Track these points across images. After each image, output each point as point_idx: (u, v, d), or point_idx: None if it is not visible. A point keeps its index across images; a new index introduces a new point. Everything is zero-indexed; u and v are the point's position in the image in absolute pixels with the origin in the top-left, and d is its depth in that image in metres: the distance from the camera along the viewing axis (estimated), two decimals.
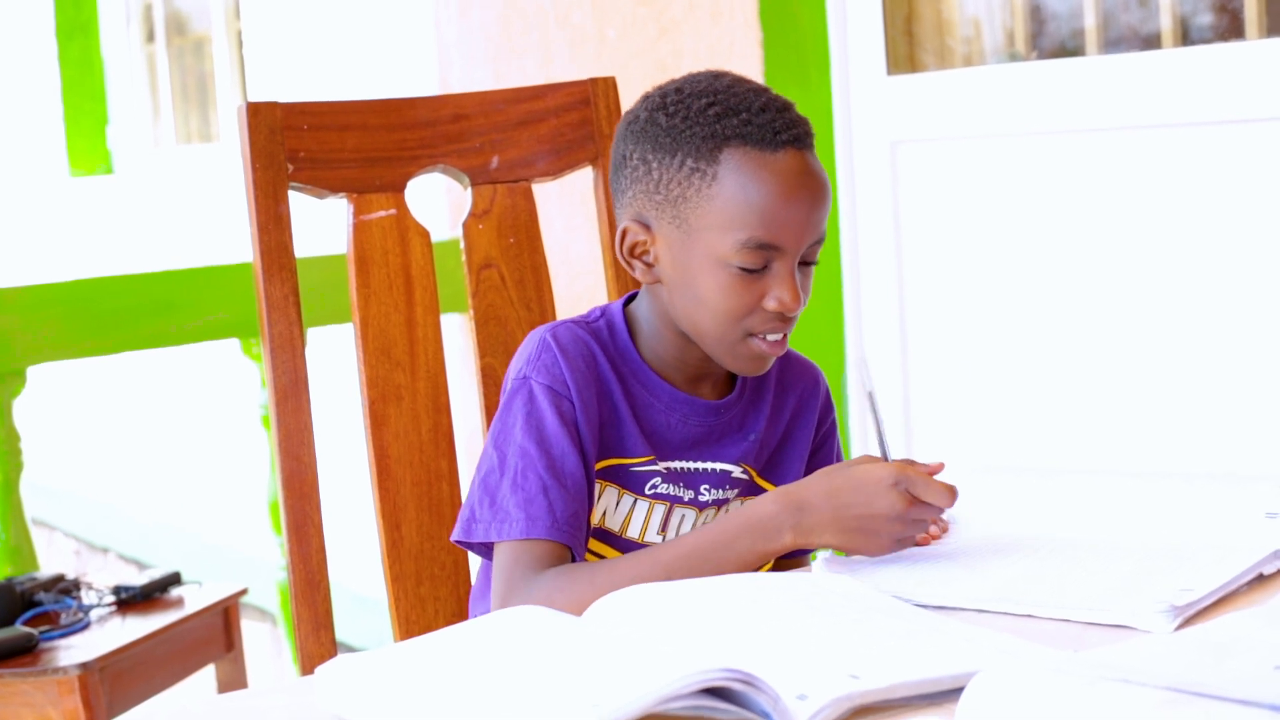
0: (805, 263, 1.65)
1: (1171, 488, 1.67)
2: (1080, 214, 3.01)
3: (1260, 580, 1.46)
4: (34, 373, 3.55)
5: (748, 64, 3.37)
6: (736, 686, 1.11)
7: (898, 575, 1.52)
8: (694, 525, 1.72)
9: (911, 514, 1.52)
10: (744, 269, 1.61)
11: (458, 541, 1.67)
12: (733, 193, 1.60)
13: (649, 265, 1.68)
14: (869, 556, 1.55)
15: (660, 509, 1.71)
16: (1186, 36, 3.02)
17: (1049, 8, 3.29)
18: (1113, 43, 3.15)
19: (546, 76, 3.84)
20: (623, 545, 1.70)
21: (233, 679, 3.40)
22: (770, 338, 1.65)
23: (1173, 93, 2.86)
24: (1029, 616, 1.38)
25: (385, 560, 1.92)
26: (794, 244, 1.62)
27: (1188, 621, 1.34)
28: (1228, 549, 1.51)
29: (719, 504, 1.74)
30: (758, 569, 1.55)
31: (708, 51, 3.44)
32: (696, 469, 1.73)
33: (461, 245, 2.02)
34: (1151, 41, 3.08)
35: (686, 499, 1.72)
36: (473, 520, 1.64)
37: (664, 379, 1.72)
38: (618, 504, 1.70)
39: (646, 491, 1.71)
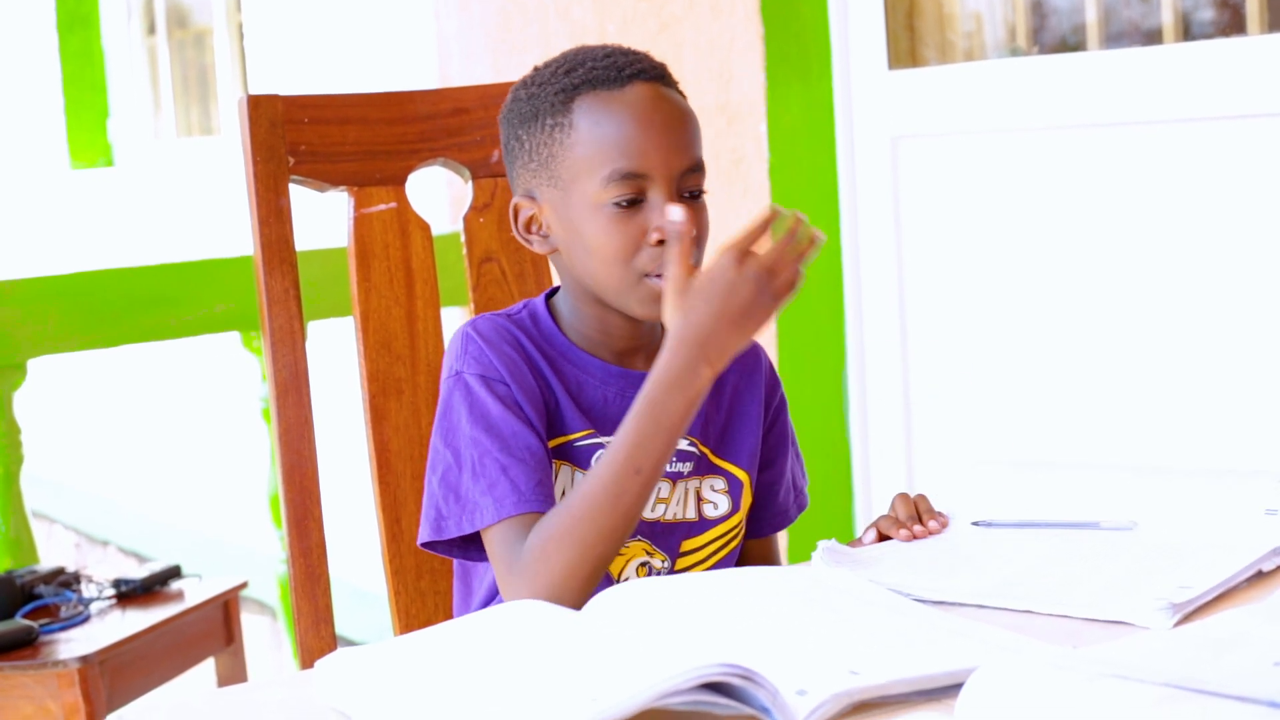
0: (691, 195, 1.67)
1: (1171, 483, 1.67)
2: (1082, 209, 3.01)
3: (1259, 577, 1.46)
4: (34, 365, 3.55)
5: (749, 59, 3.37)
6: (735, 681, 1.11)
7: (897, 570, 1.52)
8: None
9: (770, 261, 1.57)
10: (618, 205, 1.64)
11: (425, 544, 1.68)
12: (589, 134, 1.65)
13: (544, 237, 1.72)
14: (766, 326, 1.58)
15: None
16: (1188, 32, 3.02)
17: (1050, 2, 3.29)
18: (1114, 38, 3.14)
19: None
20: None
21: (232, 672, 3.40)
22: (663, 274, 1.65)
23: (1174, 88, 2.86)
24: (1028, 612, 1.39)
25: (385, 554, 1.92)
26: (661, 169, 1.64)
27: (1186, 618, 1.34)
28: (1227, 546, 1.51)
29: (671, 477, 1.74)
30: (694, 414, 1.57)
31: (708, 46, 3.44)
32: None
33: (462, 239, 2.02)
34: (1153, 36, 3.08)
35: None
36: (440, 518, 1.66)
37: (594, 356, 1.73)
38: (573, 481, 1.71)
39: (594, 463, 1.71)
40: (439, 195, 4.21)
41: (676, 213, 1.59)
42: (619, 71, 1.67)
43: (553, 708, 1.09)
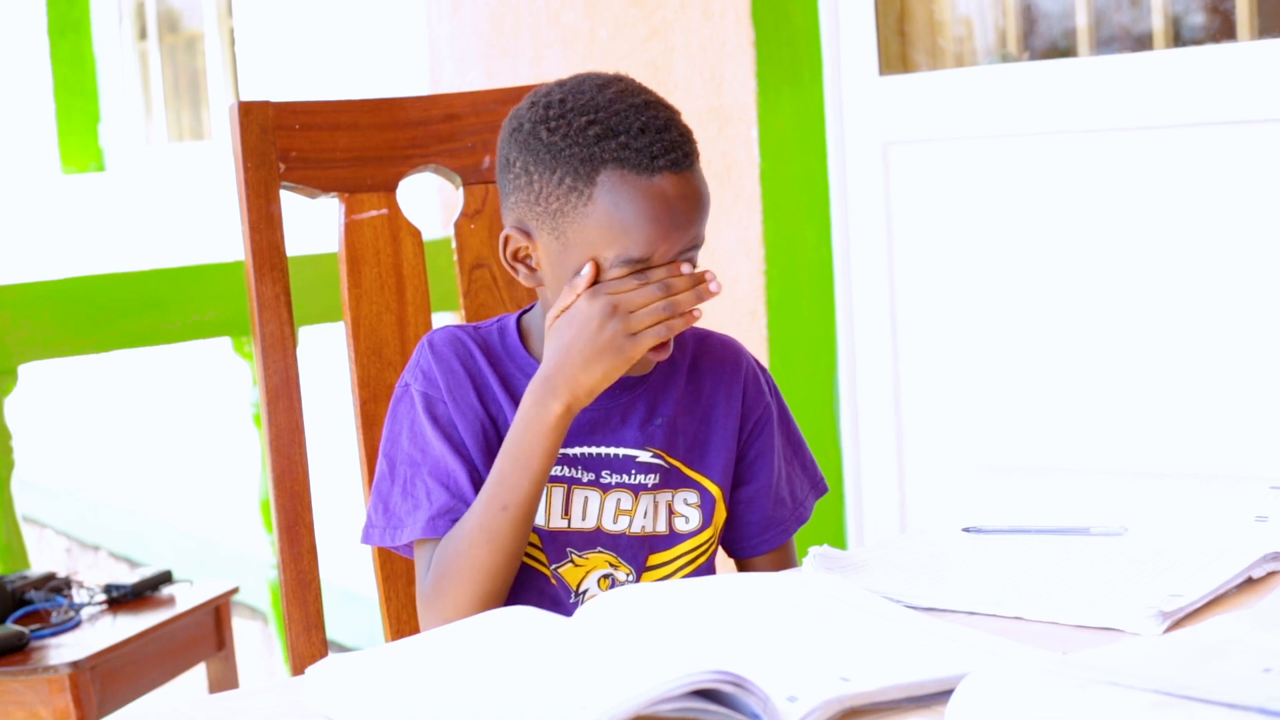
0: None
1: (1161, 488, 1.67)
2: (1072, 215, 3.01)
3: (1249, 583, 1.46)
4: (25, 370, 3.54)
5: (739, 64, 3.37)
6: (726, 688, 1.11)
7: (888, 576, 1.52)
8: (600, 507, 1.72)
9: (623, 303, 1.60)
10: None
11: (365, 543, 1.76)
12: (607, 213, 1.63)
13: (531, 270, 1.72)
14: (625, 363, 1.62)
15: (559, 491, 1.72)
16: (1178, 37, 3.02)
17: (1041, 8, 3.30)
18: (1104, 43, 3.15)
19: (538, 76, 3.84)
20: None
21: (224, 678, 3.40)
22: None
23: (1164, 93, 2.86)
24: (1018, 619, 1.39)
25: (376, 559, 1.92)
26: (665, 256, 1.65)
27: (1176, 624, 1.34)
28: (1217, 552, 1.51)
29: (633, 489, 1.74)
30: (554, 450, 1.63)
31: (699, 50, 3.45)
32: (593, 454, 1.73)
33: (453, 245, 2.02)
34: (1143, 42, 3.08)
35: (586, 480, 1.72)
36: (370, 526, 1.73)
37: None
38: None
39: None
40: (430, 201, 4.21)
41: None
42: (651, 159, 1.63)
43: (544, 714, 1.09)
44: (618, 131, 1.63)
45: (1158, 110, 2.87)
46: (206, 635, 3.33)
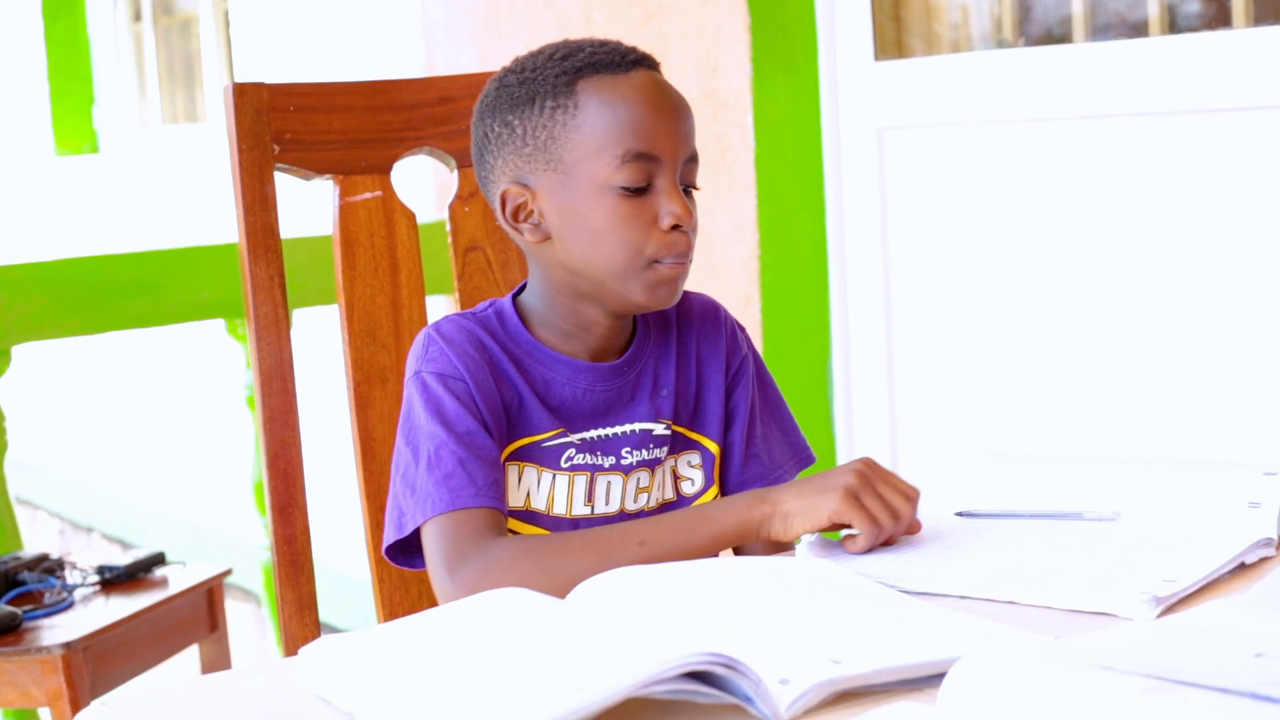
0: (687, 188, 1.68)
1: (1155, 474, 1.67)
2: (1067, 201, 3.01)
3: (1242, 569, 1.46)
4: (19, 352, 3.54)
5: (734, 49, 3.37)
6: (719, 670, 1.11)
7: (881, 561, 1.52)
8: (623, 491, 1.72)
9: (869, 478, 1.56)
10: (628, 189, 1.63)
11: (391, 551, 1.67)
12: (598, 114, 1.63)
13: (536, 225, 1.69)
14: (828, 514, 1.55)
15: (581, 480, 1.71)
16: (1174, 24, 3.02)
17: None
18: (1100, 30, 3.15)
19: None
20: (549, 523, 1.70)
21: (216, 659, 3.40)
22: (672, 260, 1.66)
23: (1160, 80, 2.86)
24: (1011, 603, 1.39)
25: (369, 542, 1.92)
26: (669, 153, 1.64)
27: (1169, 609, 1.34)
28: (1210, 538, 1.51)
29: (650, 465, 1.74)
30: (722, 548, 1.58)
31: (694, 36, 3.44)
32: (612, 434, 1.73)
33: (447, 228, 2.02)
34: (1139, 29, 3.08)
35: (608, 465, 1.72)
36: (401, 515, 1.64)
37: (561, 353, 1.72)
38: (539, 483, 1.70)
39: (563, 465, 1.70)
40: (424, 184, 4.21)
41: None
42: (622, 57, 1.66)
43: (537, 696, 1.09)
44: (583, 46, 1.67)
45: (1153, 97, 2.87)
46: (199, 617, 3.33)
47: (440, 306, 3.96)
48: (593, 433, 1.72)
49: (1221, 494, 1.60)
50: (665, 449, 1.75)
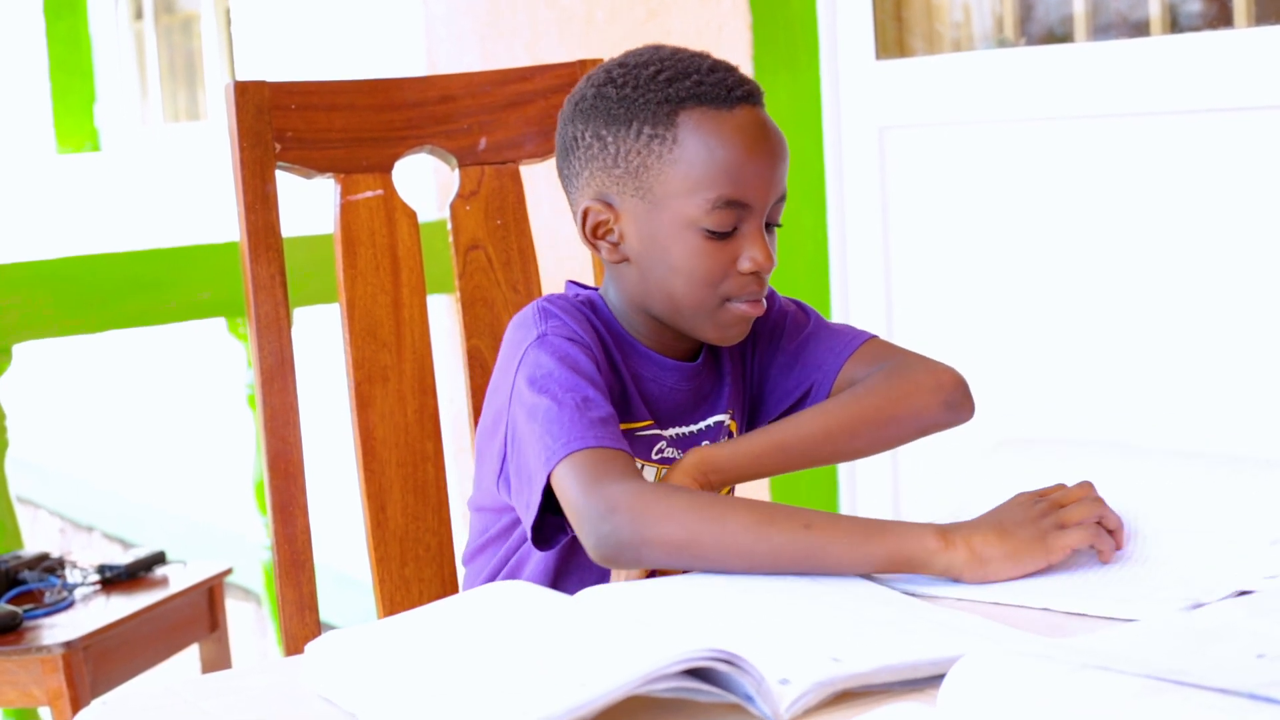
0: (770, 224, 1.65)
1: (1190, 475, 1.62)
2: (1068, 200, 3.01)
3: None
4: (20, 350, 3.54)
5: (736, 47, 3.37)
6: (720, 668, 1.11)
7: None
8: None
9: (1056, 513, 1.48)
10: (714, 232, 1.60)
11: (553, 466, 1.53)
12: (696, 153, 1.59)
13: (614, 244, 1.67)
14: (1046, 563, 1.46)
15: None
16: (1175, 24, 3.02)
17: None
18: (1102, 29, 3.15)
19: (534, 57, 3.84)
20: None
21: (217, 659, 3.40)
22: (748, 300, 1.64)
23: (1161, 80, 2.86)
24: (1011, 605, 1.38)
25: (370, 541, 1.92)
26: (761, 200, 1.61)
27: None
28: (1239, 553, 1.47)
29: None
30: (880, 568, 1.47)
31: (696, 34, 3.44)
32: (695, 430, 1.73)
33: (449, 226, 2.02)
34: (1140, 28, 3.08)
35: None
36: (547, 452, 1.53)
37: (649, 349, 1.71)
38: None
39: (654, 456, 1.70)
40: (425, 183, 4.20)
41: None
42: (728, 91, 1.61)
43: (539, 692, 1.09)
44: (689, 72, 1.61)
45: (1154, 96, 2.87)
46: (200, 616, 3.33)
47: (441, 305, 3.96)
48: (679, 429, 1.72)
49: (1243, 524, 1.54)
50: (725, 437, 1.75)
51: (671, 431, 1.71)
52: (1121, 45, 2.96)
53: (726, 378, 1.76)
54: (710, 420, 1.74)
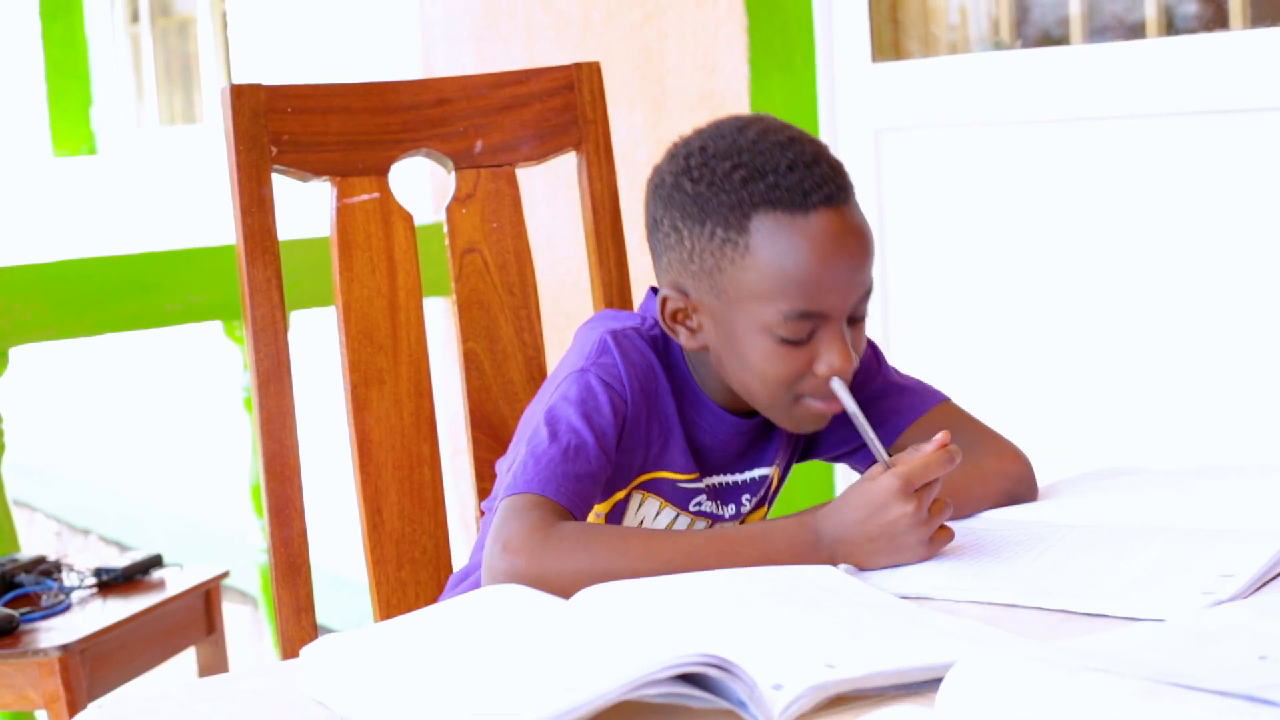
0: (854, 319, 1.61)
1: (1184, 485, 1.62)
2: (1064, 203, 3.01)
3: None
4: (16, 353, 3.54)
5: (732, 50, 3.37)
6: (712, 673, 1.11)
7: (925, 572, 1.48)
8: None
9: (928, 512, 1.48)
10: (788, 339, 1.57)
11: (508, 496, 1.55)
12: (768, 263, 1.54)
13: (692, 331, 1.63)
14: (914, 564, 1.48)
15: (700, 525, 1.69)
16: (1171, 26, 3.02)
17: None
18: (1097, 32, 3.15)
19: (530, 60, 3.84)
20: None
21: (213, 662, 3.39)
22: (825, 399, 1.60)
23: (1157, 82, 2.86)
24: (1009, 606, 1.37)
25: (366, 544, 1.92)
26: (838, 308, 1.57)
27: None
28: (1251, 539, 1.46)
29: (757, 508, 1.74)
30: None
31: (691, 37, 3.44)
32: (738, 481, 1.72)
33: (445, 229, 2.02)
34: (1136, 31, 3.08)
35: (728, 515, 1.71)
36: (514, 478, 1.55)
37: (710, 399, 1.68)
38: (656, 515, 1.68)
39: (690, 508, 1.69)
40: (422, 186, 4.20)
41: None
42: (804, 195, 1.54)
43: (529, 696, 1.09)
44: (765, 172, 1.55)
45: (1150, 99, 2.87)
46: (196, 619, 3.33)
47: (438, 308, 3.96)
48: (722, 479, 1.71)
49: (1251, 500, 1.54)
50: (768, 489, 1.74)
51: (712, 481, 1.70)
52: (1117, 47, 2.96)
53: (778, 430, 1.72)
54: (755, 473, 1.73)
